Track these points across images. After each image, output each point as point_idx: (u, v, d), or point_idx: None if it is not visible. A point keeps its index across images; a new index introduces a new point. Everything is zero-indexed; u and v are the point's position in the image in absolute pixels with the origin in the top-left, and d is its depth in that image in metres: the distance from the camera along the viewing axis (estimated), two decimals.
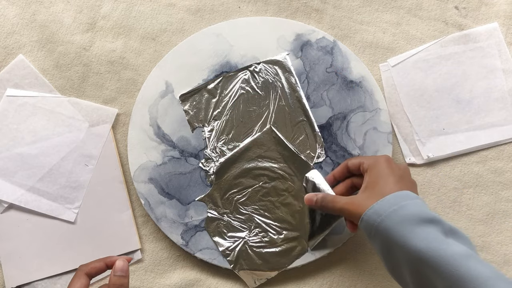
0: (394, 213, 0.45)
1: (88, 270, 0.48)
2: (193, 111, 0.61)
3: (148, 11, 0.64)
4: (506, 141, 0.63)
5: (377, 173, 0.50)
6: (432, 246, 0.43)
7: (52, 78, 0.62)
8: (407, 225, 0.44)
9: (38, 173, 0.60)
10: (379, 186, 0.49)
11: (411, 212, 0.45)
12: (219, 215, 0.60)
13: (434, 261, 0.42)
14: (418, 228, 0.44)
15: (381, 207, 0.46)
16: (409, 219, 0.45)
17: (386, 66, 0.64)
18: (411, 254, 0.44)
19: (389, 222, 0.45)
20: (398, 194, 0.47)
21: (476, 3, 0.65)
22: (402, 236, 0.44)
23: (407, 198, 0.46)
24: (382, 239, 0.46)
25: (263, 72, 0.61)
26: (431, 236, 0.43)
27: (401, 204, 0.45)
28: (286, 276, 0.60)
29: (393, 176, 0.49)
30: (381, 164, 0.50)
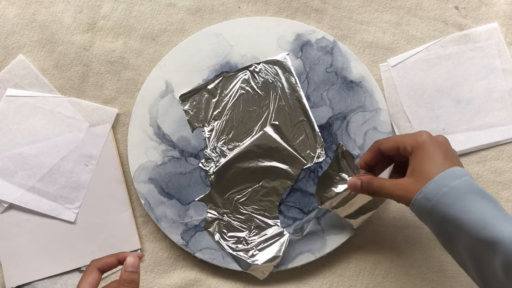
0: (445, 196, 0.43)
1: (100, 265, 0.49)
2: (193, 111, 0.61)
3: (148, 11, 0.64)
4: (506, 141, 0.63)
5: (422, 154, 0.47)
6: (489, 227, 0.41)
7: (52, 78, 0.62)
8: (459, 207, 0.43)
9: (38, 173, 0.60)
10: (426, 167, 0.46)
11: (461, 193, 0.43)
12: (219, 215, 0.60)
13: (493, 243, 0.40)
14: (473, 208, 0.42)
15: (430, 191, 0.44)
16: (461, 199, 0.43)
17: (386, 66, 0.64)
18: (468, 238, 0.42)
19: (441, 206, 0.43)
20: (446, 175, 0.44)
21: (476, 3, 0.65)
22: (456, 219, 0.43)
23: (455, 177, 0.44)
24: (436, 222, 0.45)
25: (263, 72, 0.61)
26: (488, 216, 0.42)
27: (451, 186, 0.44)
28: (286, 276, 0.60)
29: (438, 153, 0.46)
30: (425, 144, 0.47)
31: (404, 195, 0.47)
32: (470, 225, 0.42)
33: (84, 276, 0.48)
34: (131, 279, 0.47)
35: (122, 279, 0.47)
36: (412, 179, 0.47)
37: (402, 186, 0.47)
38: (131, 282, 0.47)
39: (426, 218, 0.46)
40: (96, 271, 0.49)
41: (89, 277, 0.48)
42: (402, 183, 0.47)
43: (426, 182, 0.45)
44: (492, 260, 0.41)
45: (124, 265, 0.48)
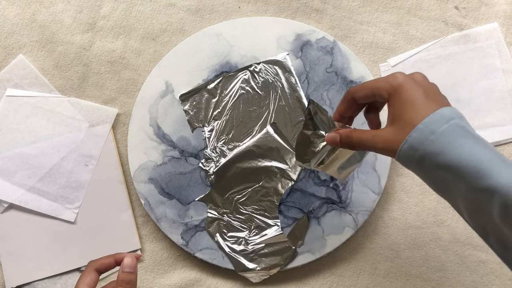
0: (433, 144, 0.39)
1: (98, 266, 0.49)
2: (193, 111, 0.61)
3: (148, 11, 0.64)
4: (506, 141, 0.63)
5: (400, 99, 0.42)
6: (483, 175, 0.38)
7: (52, 78, 0.62)
8: (449, 155, 0.39)
9: (38, 173, 0.60)
10: (407, 114, 0.41)
11: (450, 139, 0.39)
12: (219, 215, 0.60)
13: (489, 191, 0.37)
14: (464, 155, 0.38)
15: (416, 140, 0.40)
16: (450, 146, 0.39)
17: (386, 66, 0.64)
18: (462, 187, 0.39)
19: (429, 155, 0.40)
20: (431, 120, 0.40)
21: (476, 3, 0.65)
22: (448, 169, 0.39)
23: (442, 121, 0.40)
24: (426, 172, 0.41)
25: (263, 72, 0.61)
26: (481, 163, 0.38)
27: (438, 132, 0.39)
28: (286, 276, 0.60)
29: (418, 95, 0.42)
30: (402, 87, 0.42)
31: (388, 147, 0.42)
32: (463, 173, 0.38)
33: (82, 277, 0.48)
34: (128, 279, 0.47)
35: (119, 279, 0.47)
36: (394, 129, 0.42)
37: (384, 138, 0.43)
38: (128, 283, 0.47)
39: (415, 168, 0.42)
40: (94, 272, 0.49)
41: (87, 278, 0.48)
42: (383, 135, 0.43)
43: (410, 130, 0.40)
44: (488, 207, 0.38)
45: (122, 266, 0.48)
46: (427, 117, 0.40)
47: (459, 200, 0.40)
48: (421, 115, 0.40)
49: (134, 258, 0.49)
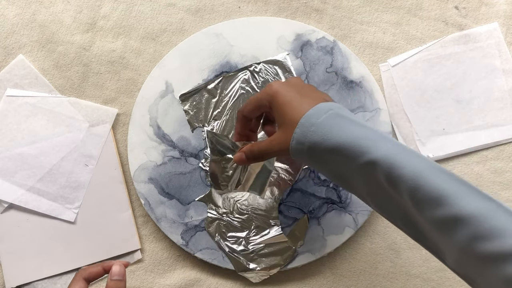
0: (314, 134, 0.43)
1: (86, 275, 0.49)
2: (193, 111, 0.61)
3: (148, 11, 0.64)
4: (506, 141, 0.63)
5: (278, 104, 0.46)
6: (362, 151, 0.41)
7: (52, 78, 0.62)
8: (329, 140, 0.42)
9: (38, 173, 0.60)
10: (289, 115, 0.45)
11: (329, 125, 0.43)
12: (219, 215, 0.60)
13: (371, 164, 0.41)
14: (342, 136, 0.42)
15: (300, 135, 0.44)
16: (329, 131, 0.42)
17: (386, 66, 0.64)
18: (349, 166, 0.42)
19: (314, 145, 0.43)
20: (310, 114, 0.44)
21: (476, 3, 0.65)
22: (331, 152, 0.42)
23: (321, 114, 0.43)
24: (317, 161, 0.44)
25: (263, 72, 0.61)
26: (359, 140, 0.41)
27: (318, 122, 0.43)
28: (286, 276, 0.60)
29: (294, 97, 0.46)
30: (278, 93, 0.46)
31: (282, 148, 0.46)
32: (346, 154, 0.42)
33: (70, 286, 0.48)
34: (117, 287, 0.47)
35: (108, 287, 0.47)
36: (282, 131, 0.46)
37: (277, 141, 0.46)
38: None
39: (308, 160, 0.45)
40: (82, 281, 0.49)
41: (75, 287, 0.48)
42: (276, 138, 0.47)
43: (295, 127, 0.44)
44: (379, 181, 0.41)
45: (110, 274, 0.48)
46: (307, 112, 0.43)
47: (356, 184, 0.43)
48: (300, 112, 0.44)
49: (123, 265, 0.49)
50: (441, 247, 0.40)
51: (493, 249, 0.36)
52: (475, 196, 0.38)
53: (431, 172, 0.39)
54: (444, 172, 0.39)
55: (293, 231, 0.59)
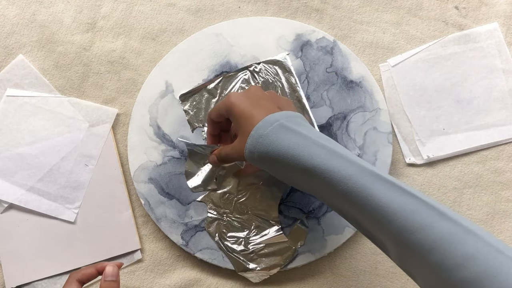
0: (261, 145, 0.47)
1: (80, 277, 0.49)
2: (193, 111, 0.61)
3: (148, 11, 0.64)
4: (506, 141, 0.63)
5: (234, 115, 0.50)
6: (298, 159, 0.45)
7: (52, 78, 0.62)
8: (272, 150, 0.46)
9: (38, 173, 0.60)
10: (243, 125, 0.49)
11: (273, 137, 0.46)
12: (219, 215, 0.60)
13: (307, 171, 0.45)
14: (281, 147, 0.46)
15: (250, 146, 0.48)
16: (272, 142, 0.46)
17: (386, 66, 0.64)
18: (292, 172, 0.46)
19: (261, 154, 0.47)
20: (259, 126, 0.47)
21: (476, 3, 0.65)
22: (276, 161, 0.47)
23: (267, 125, 0.47)
24: (266, 167, 0.49)
25: (263, 72, 0.61)
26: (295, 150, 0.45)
27: (264, 134, 0.47)
28: (286, 276, 0.60)
29: (248, 109, 0.49)
30: (234, 105, 0.50)
31: (240, 155, 0.50)
32: (285, 162, 0.46)
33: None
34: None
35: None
36: (239, 139, 0.50)
37: (236, 148, 0.50)
38: None
39: (260, 166, 0.49)
40: (76, 283, 0.48)
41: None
42: (235, 145, 0.50)
43: (247, 137, 0.48)
44: (316, 183, 0.45)
45: (104, 275, 0.48)
46: (257, 124, 0.47)
47: (303, 187, 0.48)
48: (252, 123, 0.48)
49: (116, 266, 0.49)
50: (384, 243, 0.44)
51: (417, 241, 0.39)
52: (399, 193, 0.41)
53: (360, 174, 0.43)
54: (372, 173, 0.43)
55: (293, 232, 0.59)
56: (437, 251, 0.39)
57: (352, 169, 0.43)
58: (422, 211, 0.40)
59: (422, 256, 0.39)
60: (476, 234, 0.38)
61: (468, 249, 0.38)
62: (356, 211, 0.44)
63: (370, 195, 0.42)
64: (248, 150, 0.48)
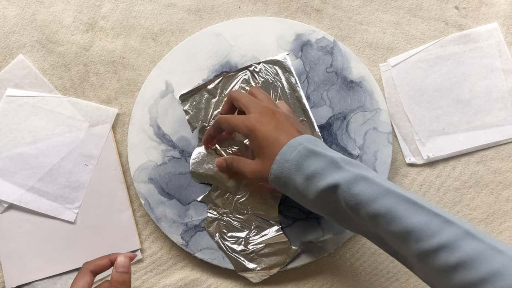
0: (289, 170, 0.48)
1: (93, 268, 0.48)
2: (193, 111, 0.61)
3: (148, 11, 0.64)
4: (506, 141, 0.63)
5: (256, 139, 0.50)
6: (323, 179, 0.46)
7: (52, 78, 0.62)
8: (299, 174, 0.48)
9: (38, 173, 0.60)
10: (266, 149, 0.50)
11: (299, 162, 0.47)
12: (219, 215, 0.60)
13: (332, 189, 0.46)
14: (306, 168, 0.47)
15: (276, 171, 0.49)
16: (299, 167, 0.48)
17: (386, 66, 0.64)
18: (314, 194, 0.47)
19: (289, 179, 0.48)
20: (284, 151, 0.48)
21: (476, 3, 0.65)
22: (300, 184, 0.48)
23: (292, 150, 0.48)
24: (292, 192, 0.50)
25: (263, 72, 0.61)
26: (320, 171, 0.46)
27: (290, 159, 0.48)
28: (286, 276, 0.60)
29: (271, 133, 0.50)
30: (255, 130, 0.50)
31: (258, 176, 0.51)
32: (311, 180, 0.47)
33: (76, 279, 0.47)
34: (122, 280, 0.46)
35: (113, 279, 0.46)
36: (260, 161, 0.50)
37: (255, 169, 0.51)
38: (123, 283, 0.46)
39: (285, 191, 0.50)
40: (89, 274, 0.47)
41: (81, 280, 0.47)
42: (254, 166, 0.51)
43: (271, 162, 0.49)
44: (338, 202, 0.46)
45: (115, 266, 0.47)
46: (281, 149, 0.48)
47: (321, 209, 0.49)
48: (276, 148, 0.49)
49: (128, 257, 0.48)
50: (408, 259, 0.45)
51: (442, 260, 0.41)
52: (424, 213, 0.43)
53: (385, 196, 0.44)
54: (397, 194, 0.44)
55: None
56: (463, 268, 0.40)
57: (377, 190, 0.44)
58: (447, 230, 0.41)
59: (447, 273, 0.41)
60: (501, 251, 0.40)
61: (494, 265, 0.39)
62: (380, 231, 0.45)
63: (396, 217, 0.43)
64: (274, 175, 0.49)
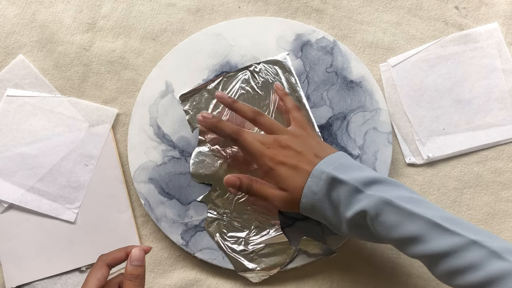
0: (320, 201, 0.50)
1: (109, 261, 0.47)
2: (193, 111, 0.61)
3: (148, 11, 0.64)
4: (506, 141, 0.63)
5: (276, 177, 0.53)
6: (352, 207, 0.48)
7: (52, 78, 0.62)
8: (328, 202, 0.50)
9: (38, 173, 0.60)
10: (291, 182, 0.52)
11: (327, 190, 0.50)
12: (219, 215, 0.60)
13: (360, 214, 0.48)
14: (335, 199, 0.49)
15: (306, 204, 0.51)
16: (325, 197, 0.50)
17: (386, 66, 0.64)
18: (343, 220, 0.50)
19: (319, 208, 0.51)
20: (309, 185, 0.50)
21: (476, 3, 0.65)
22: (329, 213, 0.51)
23: (317, 182, 0.50)
24: (321, 217, 0.52)
25: (263, 72, 0.61)
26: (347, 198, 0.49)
27: (317, 191, 0.50)
28: (286, 276, 0.60)
29: (291, 171, 0.52)
30: (273, 170, 0.52)
31: (289, 206, 0.52)
32: (340, 208, 0.49)
33: (92, 271, 0.46)
34: (137, 273, 0.46)
35: (127, 273, 0.46)
36: (285, 192, 0.52)
37: (284, 199, 0.52)
38: (137, 277, 0.46)
39: (317, 218, 0.53)
40: (105, 267, 0.47)
41: (97, 272, 0.46)
42: (281, 196, 0.52)
43: (299, 194, 0.51)
44: (365, 224, 0.49)
45: (129, 259, 0.46)
46: (308, 181, 0.50)
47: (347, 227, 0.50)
48: (300, 181, 0.51)
49: (142, 250, 0.47)
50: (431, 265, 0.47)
51: (468, 279, 0.43)
52: (449, 235, 0.45)
53: (411, 221, 0.46)
54: (423, 219, 0.46)
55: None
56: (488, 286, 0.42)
57: (401, 216, 0.46)
58: (472, 252, 0.43)
59: None
60: None
61: None
62: (406, 251, 0.47)
63: (422, 241, 0.45)
64: (305, 208, 0.51)
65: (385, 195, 0.47)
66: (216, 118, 0.55)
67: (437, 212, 0.47)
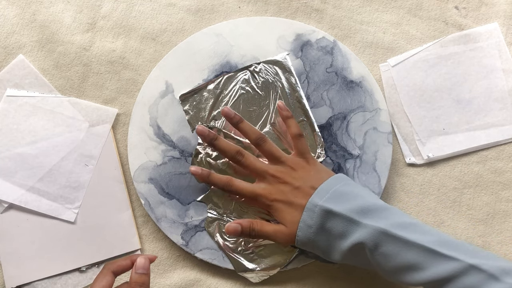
0: (315, 234, 0.52)
1: (114, 268, 0.48)
2: (193, 111, 0.61)
3: (148, 11, 0.64)
4: (506, 141, 0.63)
5: (276, 211, 0.54)
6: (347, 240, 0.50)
7: (52, 78, 0.62)
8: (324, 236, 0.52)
9: (38, 173, 0.60)
10: (288, 218, 0.53)
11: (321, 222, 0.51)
12: (219, 215, 0.60)
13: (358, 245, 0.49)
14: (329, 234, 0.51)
15: (302, 238, 0.52)
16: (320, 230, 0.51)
17: (386, 66, 0.64)
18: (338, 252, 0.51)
19: (315, 241, 0.52)
20: (305, 218, 0.52)
21: (476, 3, 0.65)
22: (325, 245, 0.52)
23: (312, 215, 0.51)
24: (319, 251, 0.53)
25: (263, 72, 0.61)
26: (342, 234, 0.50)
27: (313, 224, 0.51)
28: (286, 276, 0.60)
29: (286, 207, 0.54)
30: (273, 205, 0.54)
31: (287, 240, 0.54)
32: (335, 240, 0.51)
33: (97, 279, 0.47)
34: (142, 281, 0.47)
35: (132, 280, 0.47)
36: (286, 227, 0.53)
37: (282, 234, 0.54)
38: (142, 285, 0.47)
39: (313, 251, 0.54)
40: (110, 274, 0.48)
41: (103, 280, 0.47)
42: (281, 231, 0.54)
43: (296, 227, 0.52)
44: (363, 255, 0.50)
45: (135, 267, 0.47)
46: (302, 216, 0.52)
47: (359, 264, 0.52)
48: (296, 216, 0.53)
49: (147, 259, 0.48)
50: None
51: None
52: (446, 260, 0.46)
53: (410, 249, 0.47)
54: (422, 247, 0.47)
55: None
56: None
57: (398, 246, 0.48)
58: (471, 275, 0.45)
59: None
60: None
61: None
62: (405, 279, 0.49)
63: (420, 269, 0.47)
64: (301, 242, 0.53)
65: (380, 225, 0.48)
66: (206, 172, 0.57)
67: (432, 236, 0.48)
